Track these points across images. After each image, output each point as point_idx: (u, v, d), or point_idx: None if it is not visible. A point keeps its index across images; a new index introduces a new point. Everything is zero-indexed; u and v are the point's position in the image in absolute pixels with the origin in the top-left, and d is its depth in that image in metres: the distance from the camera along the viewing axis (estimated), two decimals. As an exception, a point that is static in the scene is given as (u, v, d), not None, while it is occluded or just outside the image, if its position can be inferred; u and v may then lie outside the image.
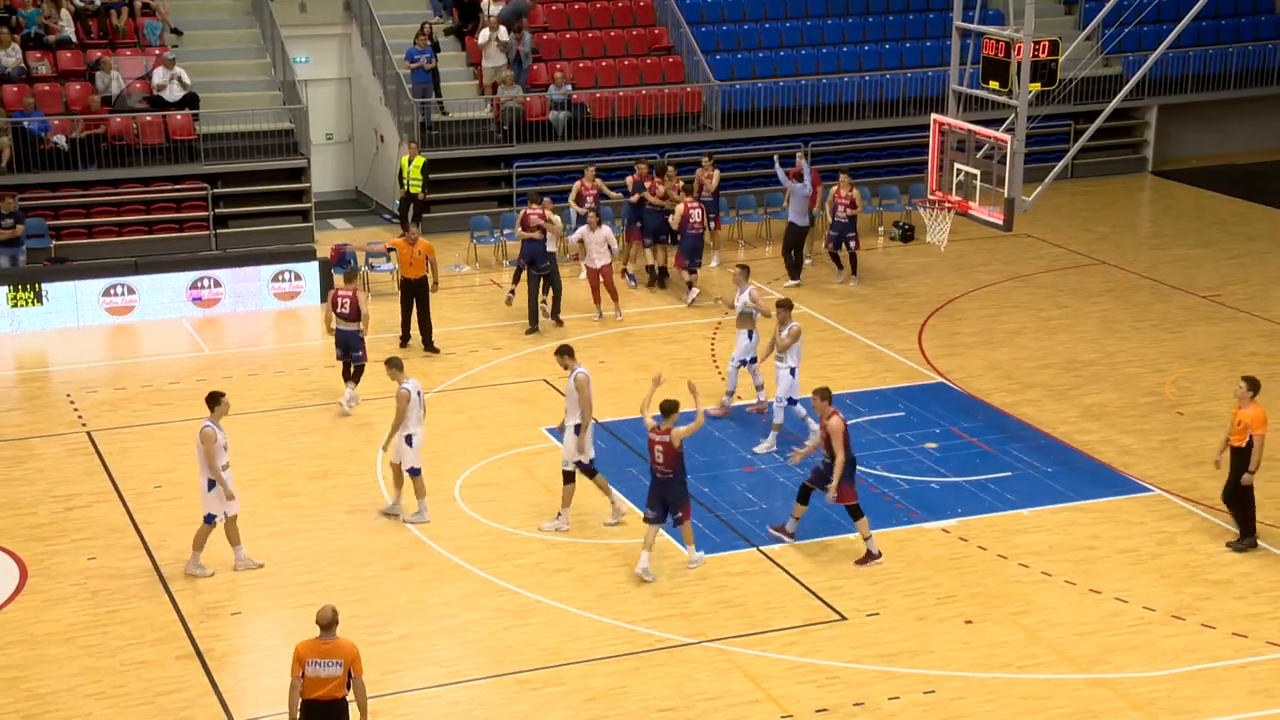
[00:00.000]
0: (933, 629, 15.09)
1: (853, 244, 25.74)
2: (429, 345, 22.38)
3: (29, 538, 16.70)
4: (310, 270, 24.87)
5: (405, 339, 22.55)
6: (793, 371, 18.88)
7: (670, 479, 15.84)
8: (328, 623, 12.22)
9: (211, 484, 15.76)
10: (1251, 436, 16.27)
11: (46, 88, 26.71)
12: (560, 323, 23.55)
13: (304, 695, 12.07)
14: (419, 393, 17.04)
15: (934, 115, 21.71)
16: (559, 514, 17.09)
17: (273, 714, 13.59)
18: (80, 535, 16.84)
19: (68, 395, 20.76)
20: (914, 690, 14.01)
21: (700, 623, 15.14)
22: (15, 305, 23.23)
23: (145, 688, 13.95)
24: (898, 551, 16.62)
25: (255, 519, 17.21)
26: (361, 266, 25.34)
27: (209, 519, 15.93)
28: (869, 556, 16.28)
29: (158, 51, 27.77)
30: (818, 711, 13.67)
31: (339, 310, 20.11)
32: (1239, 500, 16.62)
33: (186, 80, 27.24)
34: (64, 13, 27.65)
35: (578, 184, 25.73)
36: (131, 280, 23.96)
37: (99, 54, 27.33)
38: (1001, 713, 13.71)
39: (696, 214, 24.70)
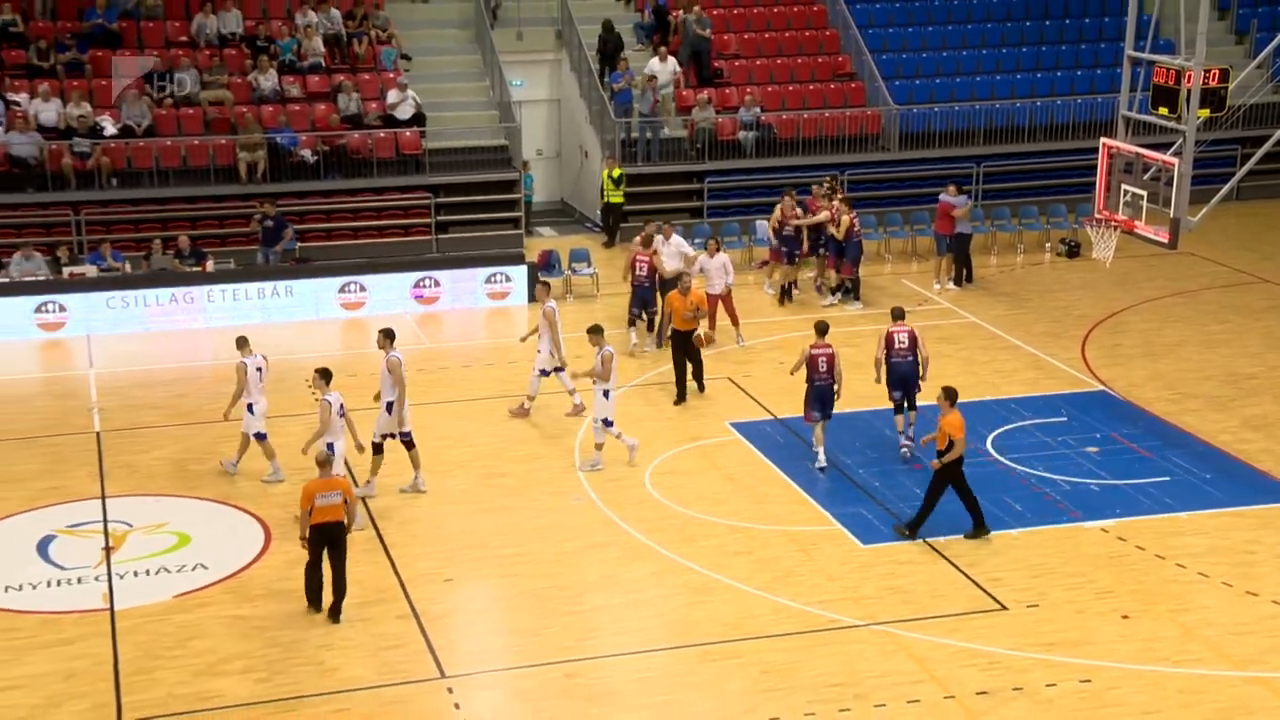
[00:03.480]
0: (1090, 622, 14.70)
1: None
2: (698, 387, 20.53)
3: (273, 505, 17.18)
4: (519, 273, 25.21)
5: (681, 397, 20.32)
6: (606, 394, 18.12)
7: (829, 383, 17.96)
8: (325, 460, 14.95)
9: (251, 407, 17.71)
10: None
11: (296, 107, 27.54)
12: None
13: (313, 521, 14.36)
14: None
15: (1103, 139, 21.19)
16: (368, 481, 17.38)
17: (481, 670, 13.86)
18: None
19: (306, 381, 21.34)
20: (1071, 679, 13.67)
21: (869, 606, 14.99)
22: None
23: (369, 642, 14.27)
24: (1057, 547, 16.24)
25: (466, 497, 17.55)
26: (565, 270, 25.68)
27: (260, 436, 17.75)
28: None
29: (392, 75, 28.45)
30: (978, 694, 13.42)
31: (637, 271, 22.21)
32: None
33: (416, 101, 27.86)
34: (314, 42, 28.49)
35: (777, 210, 25.15)
36: (364, 279, 24.59)
37: (341, 78, 28.09)
38: (1157, 704, 13.29)
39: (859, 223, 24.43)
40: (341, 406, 16.66)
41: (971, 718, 13.08)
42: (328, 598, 14.71)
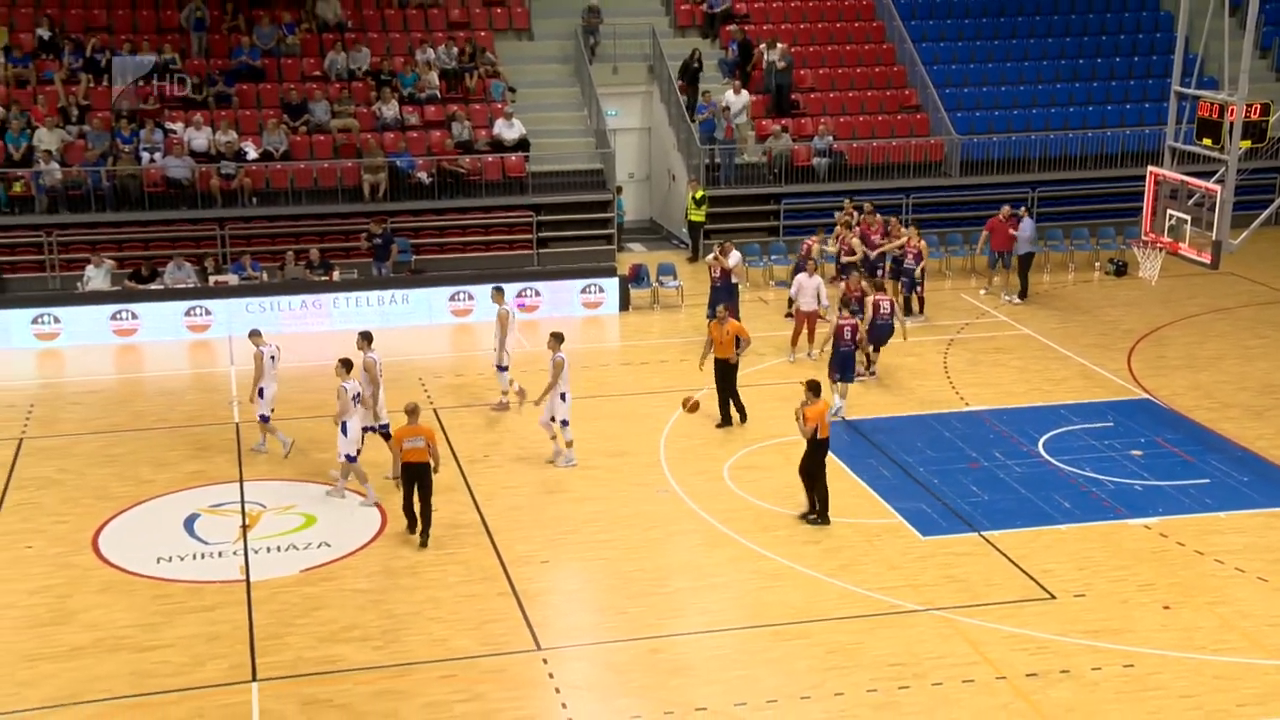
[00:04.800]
0: (1133, 611, 14.45)
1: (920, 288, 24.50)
2: (742, 417, 19.60)
3: (390, 492, 17.22)
4: (611, 285, 25.28)
5: (725, 420, 19.49)
6: (564, 396, 17.92)
7: (852, 350, 19.45)
8: (413, 409, 15.84)
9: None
10: None
11: (414, 134, 27.82)
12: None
13: (403, 460, 15.55)
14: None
15: (1150, 167, 20.85)
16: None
17: (573, 644, 13.92)
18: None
19: (420, 379, 21.60)
20: (1115, 663, 13.45)
21: (927, 593, 14.85)
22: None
23: (473, 616, 14.38)
24: (1103, 542, 15.98)
25: (561, 486, 17.63)
26: (653, 282, 25.72)
27: (263, 418, 18.20)
28: None
29: (500, 106, 28.66)
30: (1028, 675, 13.25)
31: (713, 274, 22.70)
32: None
33: (520, 129, 28.04)
34: (432, 76, 28.79)
35: (858, 226, 24.96)
36: (472, 288, 24.76)
37: (455, 108, 28.34)
38: (1195, 688, 13.05)
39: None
40: (357, 396, 17.01)
41: (1021, 697, 12.92)
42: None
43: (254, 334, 18.75)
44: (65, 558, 15.66)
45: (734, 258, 23.34)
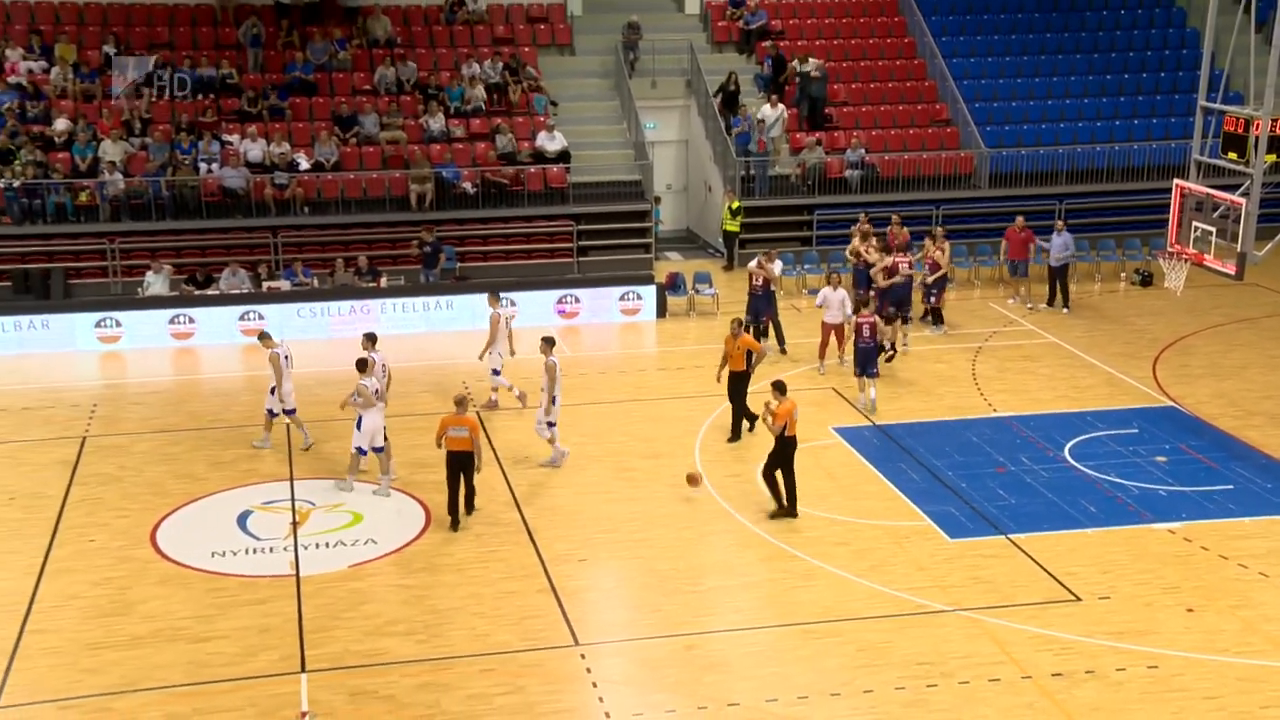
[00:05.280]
0: (1158, 614, 14.30)
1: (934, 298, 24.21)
2: (750, 426, 19.11)
3: (433, 490, 17.38)
4: (649, 292, 25.27)
5: (735, 435, 19.06)
6: (554, 400, 17.94)
7: (871, 345, 20.00)
8: (460, 400, 16.25)
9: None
10: None
11: (460, 146, 27.92)
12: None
13: (446, 449, 16.02)
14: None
15: (1176, 180, 20.63)
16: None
17: (610, 640, 13.91)
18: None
19: (464, 383, 21.62)
20: (1139, 664, 13.32)
21: (955, 594, 14.75)
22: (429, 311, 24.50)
23: (514, 611, 14.40)
24: (1127, 545, 15.82)
25: (599, 487, 17.62)
26: (690, 290, 25.70)
27: (270, 413, 18.63)
28: None
29: (542, 119, 28.72)
30: (1053, 675, 13.14)
31: (755, 283, 22.44)
32: None
33: (562, 141, 28.09)
34: (477, 90, 28.89)
35: (889, 230, 24.81)
36: (514, 295, 24.74)
37: (499, 120, 28.43)
38: (1218, 690, 12.90)
39: (904, 265, 23.44)
40: (378, 391, 17.31)
41: (1046, 696, 12.81)
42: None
43: (264, 337, 18.94)
44: (126, 551, 15.81)
45: (777, 266, 23.34)
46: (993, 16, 32.80)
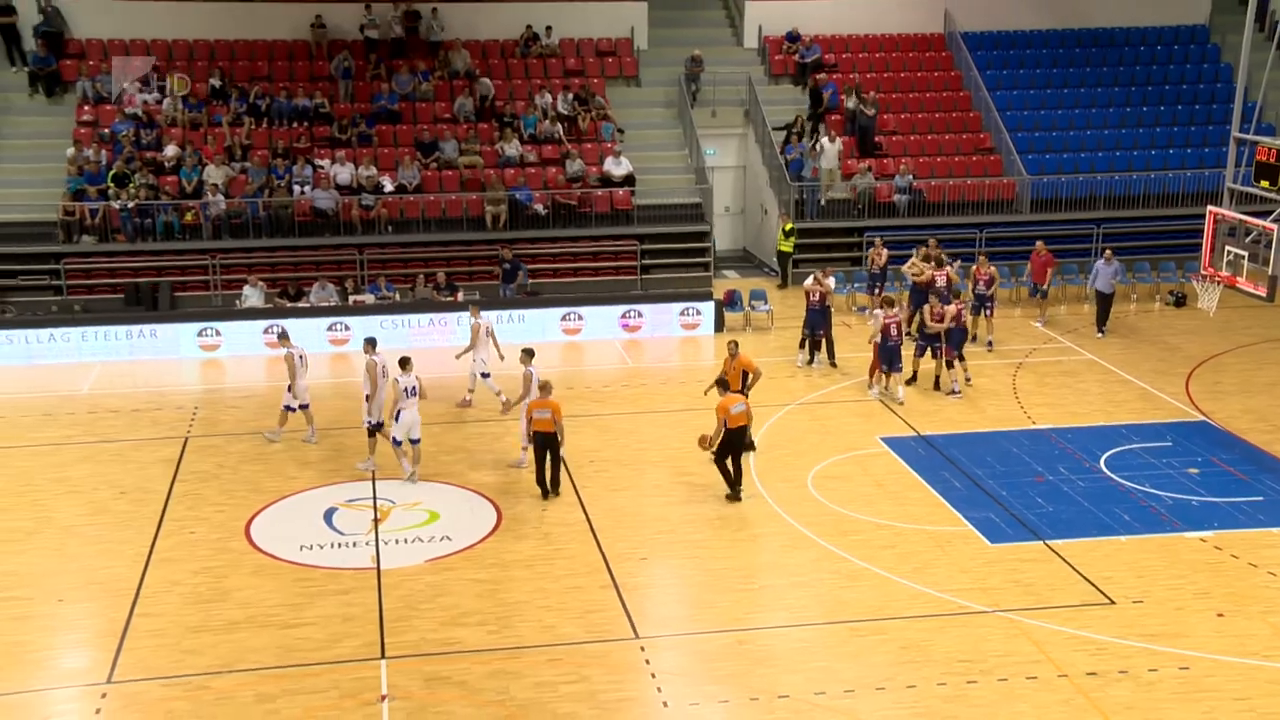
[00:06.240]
0: (1189, 618, 14.07)
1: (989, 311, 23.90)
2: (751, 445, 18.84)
3: (503, 492, 17.54)
4: (708, 308, 25.27)
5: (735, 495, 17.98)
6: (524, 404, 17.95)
7: (898, 344, 20.17)
8: (545, 385, 16.99)
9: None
10: None
11: (532, 170, 28.14)
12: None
13: (533, 429, 16.74)
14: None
15: (1210, 207, 20.34)
16: (367, 459, 18.03)
17: (667, 634, 13.92)
18: (536, 492, 17.40)
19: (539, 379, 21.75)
20: (1171, 666, 13.12)
21: (995, 595, 14.62)
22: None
23: (579, 606, 14.45)
24: (1160, 552, 15.58)
25: (659, 490, 17.64)
26: (745, 307, 25.68)
27: (287, 409, 18.91)
28: None
29: (609, 145, 28.86)
30: (1088, 674, 12.98)
31: (811, 299, 22.25)
32: None
33: (628, 166, 28.20)
34: (549, 119, 29.13)
35: (920, 250, 24.58)
36: (581, 309, 24.95)
37: (569, 146, 28.61)
38: (1248, 692, 12.67)
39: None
40: (410, 388, 17.44)
41: (1082, 694, 12.65)
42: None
43: (283, 336, 19.41)
44: (223, 543, 16.08)
45: (831, 282, 23.27)
46: (1035, 51, 32.50)
